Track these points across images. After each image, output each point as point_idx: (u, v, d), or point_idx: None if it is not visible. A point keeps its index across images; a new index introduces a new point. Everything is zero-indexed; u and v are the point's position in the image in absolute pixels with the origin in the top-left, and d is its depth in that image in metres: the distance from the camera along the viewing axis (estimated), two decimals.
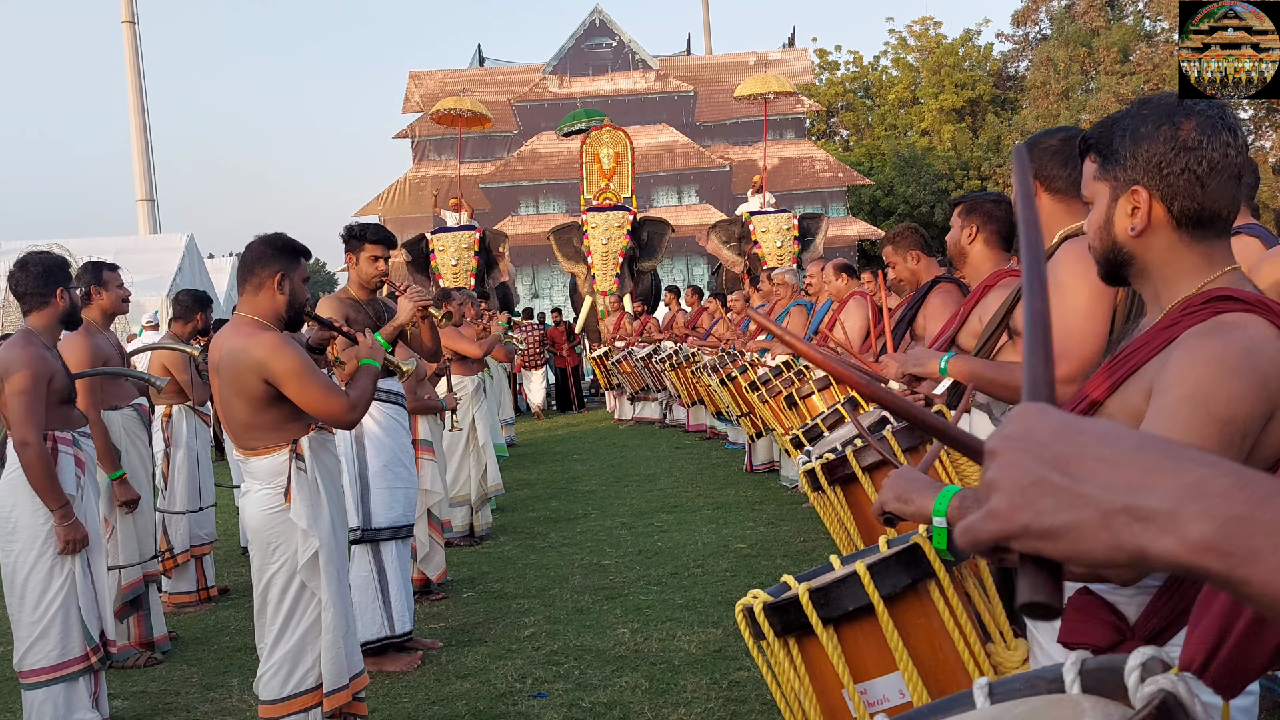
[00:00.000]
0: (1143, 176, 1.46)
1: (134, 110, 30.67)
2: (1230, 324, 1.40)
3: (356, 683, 3.52)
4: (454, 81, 28.50)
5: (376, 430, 4.68)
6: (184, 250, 19.36)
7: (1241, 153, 1.45)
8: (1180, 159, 1.43)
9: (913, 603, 1.63)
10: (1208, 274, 1.47)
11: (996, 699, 0.84)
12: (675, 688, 4.06)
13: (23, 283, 3.84)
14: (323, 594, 3.37)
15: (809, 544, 6.29)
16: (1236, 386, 1.35)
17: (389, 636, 4.58)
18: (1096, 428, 0.62)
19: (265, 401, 3.31)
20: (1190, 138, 1.43)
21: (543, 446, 12.37)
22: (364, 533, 4.61)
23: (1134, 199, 1.47)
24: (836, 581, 1.62)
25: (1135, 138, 1.47)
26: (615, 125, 18.27)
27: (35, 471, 3.62)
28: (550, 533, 7.19)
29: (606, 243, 16.10)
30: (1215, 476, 0.57)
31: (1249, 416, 1.35)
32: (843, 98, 35.92)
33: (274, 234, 3.49)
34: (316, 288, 42.87)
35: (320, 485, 3.43)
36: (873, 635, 1.61)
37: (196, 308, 6.13)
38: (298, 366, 3.26)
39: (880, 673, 1.61)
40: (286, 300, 3.41)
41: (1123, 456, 0.60)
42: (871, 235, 28.20)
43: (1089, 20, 30.23)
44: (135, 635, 4.95)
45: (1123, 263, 1.53)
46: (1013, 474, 0.62)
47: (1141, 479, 0.58)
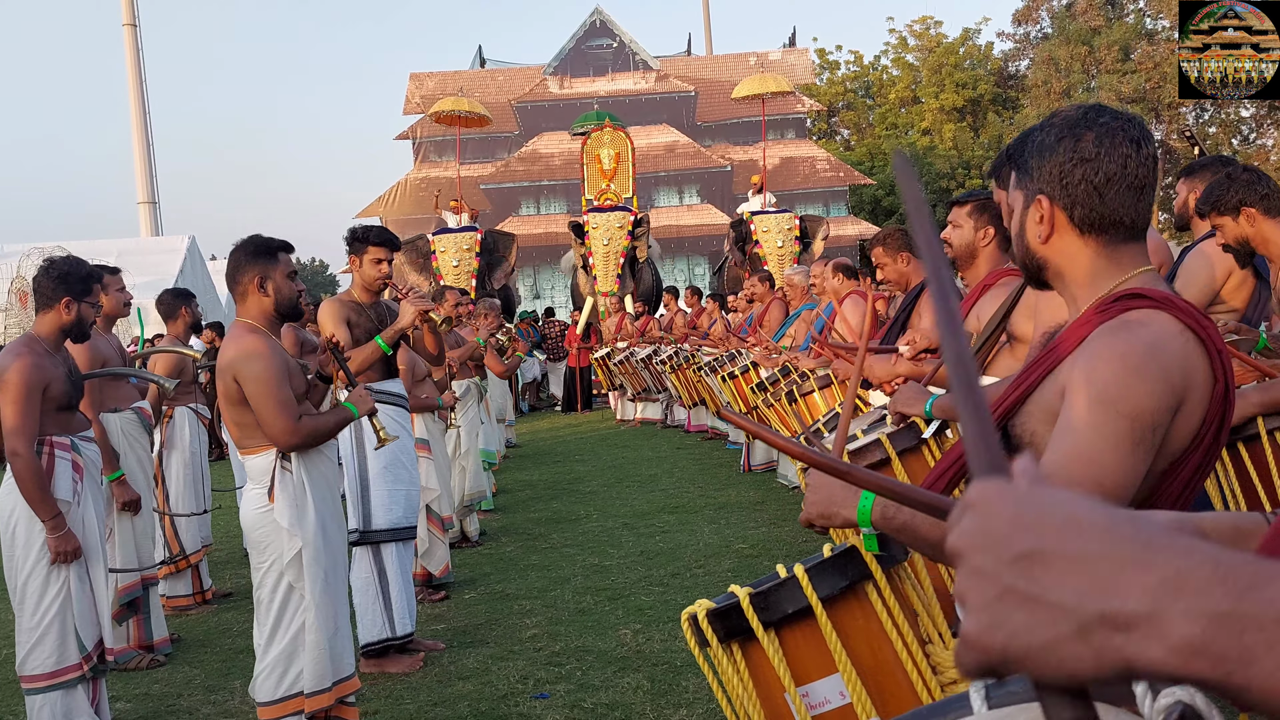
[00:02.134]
0: (1046, 186, 1.54)
1: (135, 112, 30.72)
2: (1136, 321, 1.46)
3: (343, 687, 3.50)
4: (455, 83, 28.52)
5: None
6: (185, 252, 19.38)
7: (1145, 164, 1.51)
8: (1078, 170, 1.50)
9: (851, 605, 1.65)
10: (1118, 276, 1.54)
11: (994, 704, 0.84)
12: (677, 689, 4.06)
13: (39, 282, 3.85)
14: (307, 594, 3.38)
15: (811, 544, 6.29)
16: (1141, 384, 1.41)
17: (390, 638, 4.58)
18: (1059, 510, 0.56)
19: (243, 402, 3.39)
20: (1088, 150, 1.50)
21: (544, 447, 12.38)
22: (362, 534, 4.60)
23: (1039, 208, 1.55)
24: (776, 585, 1.64)
25: (1041, 150, 1.55)
26: (616, 126, 18.27)
27: (25, 482, 3.59)
28: (552, 533, 7.19)
29: (608, 243, 16.10)
30: (1192, 567, 0.51)
31: (1155, 410, 1.41)
32: (843, 97, 35.93)
33: (248, 238, 3.52)
34: (318, 289, 42.88)
35: (307, 486, 3.44)
36: (813, 638, 1.63)
37: (179, 303, 6.11)
38: (260, 375, 3.33)
39: (821, 675, 1.63)
40: (272, 300, 3.45)
41: (1091, 551, 0.54)
42: (872, 235, 28.18)
43: (1090, 19, 30.22)
44: (135, 638, 4.95)
45: (1039, 267, 1.61)
46: (979, 587, 0.56)
47: (1115, 578, 0.53)
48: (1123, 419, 1.40)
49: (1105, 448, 1.40)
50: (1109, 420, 1.40)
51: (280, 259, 3.50)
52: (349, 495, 4.63)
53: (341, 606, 3.59)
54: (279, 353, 3.45)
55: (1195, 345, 1.46)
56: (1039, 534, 0.55)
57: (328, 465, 3.59)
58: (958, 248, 3.39)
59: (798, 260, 15.20)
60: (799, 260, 15.20)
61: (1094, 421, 1.40)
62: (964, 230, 3.36)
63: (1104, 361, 1.43)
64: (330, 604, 3.46)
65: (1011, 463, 0.60)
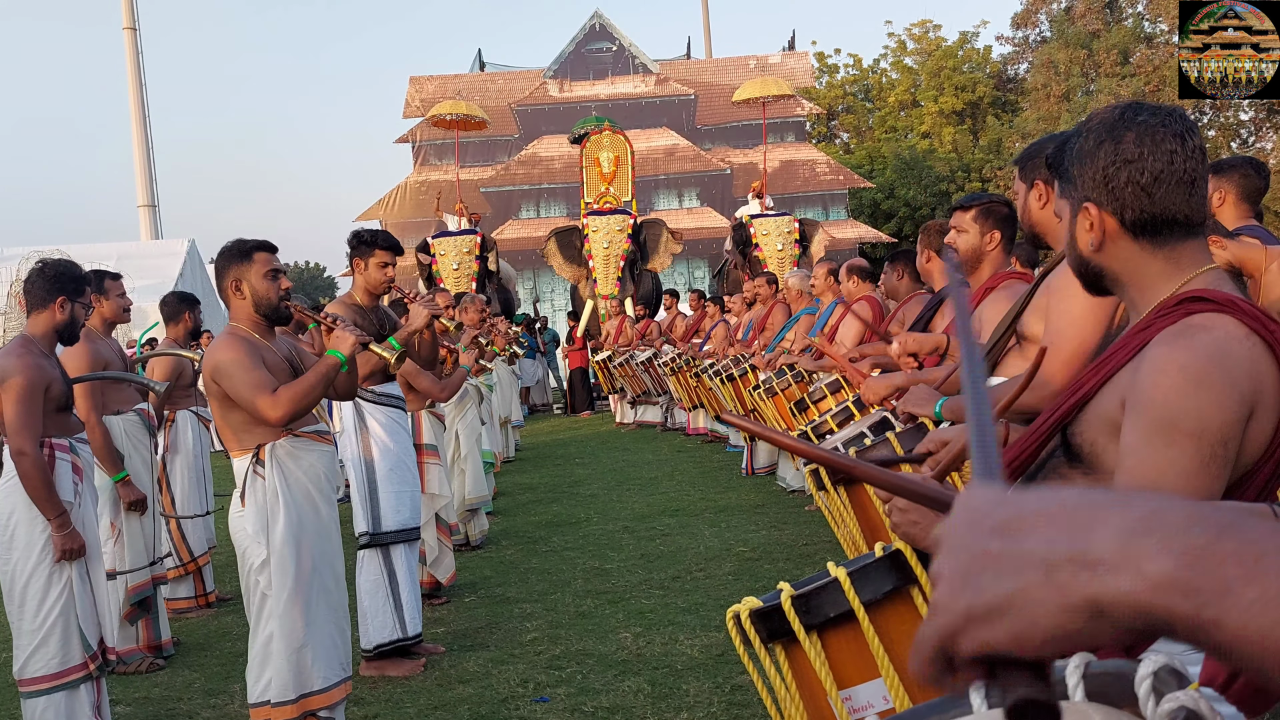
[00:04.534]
0: (1092, 193, 1.49)
1: (135, 116, 30.73)
2: (1197, 326, 1.39)
3: (311, 700, 3.43)
4: (455, 86, 28.53)
5: (382, 434, 4.68)
6: (185, 256, 19.40)
7: (1193, 158, 1.46)
8: (1123, 172, 1.46)
9: (896, 609, 1.62)
10: (1178, 278, 1.48)
11: (993, 701, 0.83)
12: (678, 692, 4.05)
13: (32, 283, 3.85)
14: (273, 603, 3.36)
15: (811, 547, 6.28)
16: (1204, 395, 1.33)
17: (401, 639, 4.61)
18: (1042, 491, 0.56)
19: (225, 403, 3.38)
20: (1130, 151, 1.45)
21: (545, 450, 12.36)
22: (372, 537, 4.62)
23: (1087, 216, 1.51)
24: (819, 588, 1.62)
25: (1082, 156, 1.51)
26: (616, 129, 18.29)
27: (32, 481, 3.61)
28: (552, 537, 7.19)
29: (608, 246, 16.10)
30: (1166, 509, 0.52)
31: (1224, 423, 1.34)
32: (843, 100, 35.96)
33: (226, 244, 3.52)
34: (317, 293, 42.89)
35: (281, 494, 3.38)
36: (855, 642, 1.61)
37: (183, 307, 6.11)
38: (228, 361, 3.30)
39: (863, 679, 1.60)
40: (250, 301, 3.42)
41: (1065, 509, 0.54)
42: (872, 238, 28.21)
43: (1088, 22, 30.24)
44: (144, 639, 4.96)
45: (1096, 275, 1.57)
46: (954, 557, 0.56)
47: (1087, 522, 0.52)
48: (1187, 438, 1.32)
49: (1170, 472, 1.32)
50: (1171, 442, 1.33)
51: (255, 258, 3.46)
52: (357, 499, 4.63)
53: (317, 618, 3.46)
54: (247, 341, 3.42)
55: (1263, 350, 1.38)
56: (1020, 504, 0.55)
57: (314, 472, 3.50)
58: (963, 252, 3.38)
59: (797, 263, 15.21)
60: (798, 263, 15.21)
61: (1155, 444, 1.33)
62: (969, 235, 3.35)
63: (1163, 375, 1.36)
64: (298, 615, 3.36)
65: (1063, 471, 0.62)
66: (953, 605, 0.55)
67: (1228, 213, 3.82)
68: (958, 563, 0.56)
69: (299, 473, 3.46)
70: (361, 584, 4.60)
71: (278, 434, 3.41)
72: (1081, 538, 0.52)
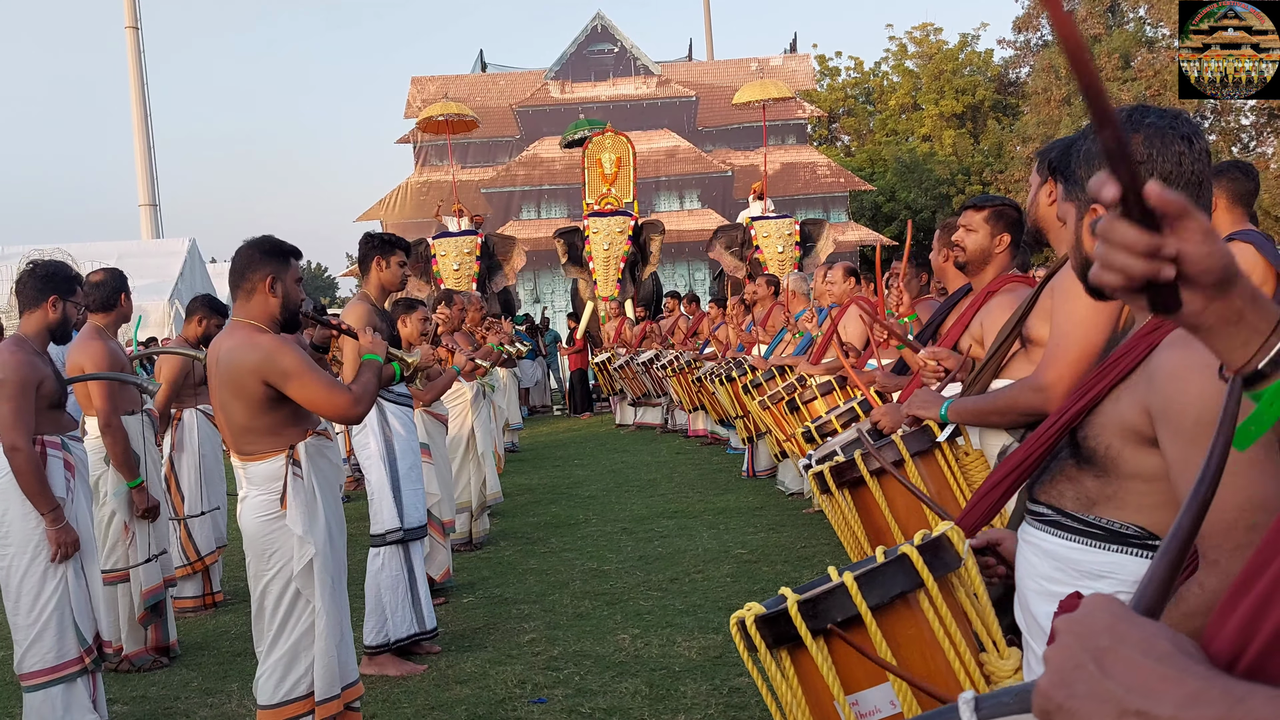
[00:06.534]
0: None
1: (136, 115, 30.75)
2: None
3: (349, 693, 3.50)
4: (456, 87, 28.52)
5: (401, 431, 4.79)
6: (186, 255, 19.36)
7: (1200, 160, 1.44)
8: None
9: (902, 613, 1.61)
10: None
11: (984, 713, 0.81)
12: (675, 694, 4.04)
13: (25, 283, 3.88)
14: (316, 601, 3.36)
15: (810, 550, 6.28)
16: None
17: (420, 633, 4.70)
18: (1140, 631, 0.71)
19: (264, 405, 3.30)
20: (1138, 153, 1.43)
21: (544, 451, 12.36)
22: (406, 533, 4.70)
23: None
24: (825, 592, 1.60)
25: (1089, 159, 1.49)
26: (617, 130, 18.29)
27: (25, 476, 3.64)
28: (550, 538, 7.18)
29: (608, 248, 16.10)
30: (1208, 689, 0.67)
31: None
32: (844, 103, 35.97)
33: (261, 237, 3.48)
34: (316, 292, 42.90)
35: (317, 492, 3.41)
36: (863, 646, 1.59)
37: (210, 313, 5.90)
38: (298, 365, 3.26)
39: (871, 683, 1.59)
40: (280, 303, 3.39)
41: (1145, 664, 0.70)
42: (873, 240, 28.17)
43: (1089, 27, 30.24)
44: (153, 640, 4.96)
45: None
46: (1062, 655, 0.73)
47: (1154, 685, 0.68)
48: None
49: (1237, 471, 1.23)
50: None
51: (292, 263, 3.48)
52: (379, 496, 4.70)
53: (345, 613, 3.57)
54: (295, 342, 3.45)
55: None
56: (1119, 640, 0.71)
57: (332, 469, 3.56)
58: (970, 251, 3.36)
59: (798, 265, 15.21)
60: (800, 265, 15.21)
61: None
62: (979, 235, 3.34)
63: (1185, 381, 1.34)
64: (337, 611, 3.44)
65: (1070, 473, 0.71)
66: (1052, 695, 0.72)
67: (1220, 218, 3.81)
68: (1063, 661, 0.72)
69: (326, 470, 3.51)
70: (383, 581, 4.65)
71: (305, 433, 3.41)
72: (1149, 698, 0.67)
